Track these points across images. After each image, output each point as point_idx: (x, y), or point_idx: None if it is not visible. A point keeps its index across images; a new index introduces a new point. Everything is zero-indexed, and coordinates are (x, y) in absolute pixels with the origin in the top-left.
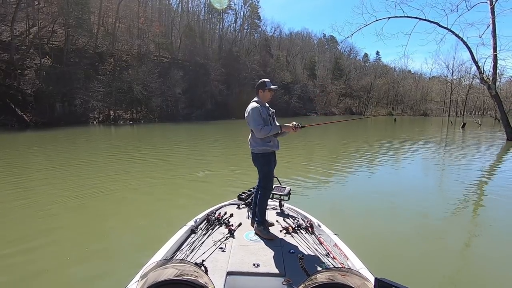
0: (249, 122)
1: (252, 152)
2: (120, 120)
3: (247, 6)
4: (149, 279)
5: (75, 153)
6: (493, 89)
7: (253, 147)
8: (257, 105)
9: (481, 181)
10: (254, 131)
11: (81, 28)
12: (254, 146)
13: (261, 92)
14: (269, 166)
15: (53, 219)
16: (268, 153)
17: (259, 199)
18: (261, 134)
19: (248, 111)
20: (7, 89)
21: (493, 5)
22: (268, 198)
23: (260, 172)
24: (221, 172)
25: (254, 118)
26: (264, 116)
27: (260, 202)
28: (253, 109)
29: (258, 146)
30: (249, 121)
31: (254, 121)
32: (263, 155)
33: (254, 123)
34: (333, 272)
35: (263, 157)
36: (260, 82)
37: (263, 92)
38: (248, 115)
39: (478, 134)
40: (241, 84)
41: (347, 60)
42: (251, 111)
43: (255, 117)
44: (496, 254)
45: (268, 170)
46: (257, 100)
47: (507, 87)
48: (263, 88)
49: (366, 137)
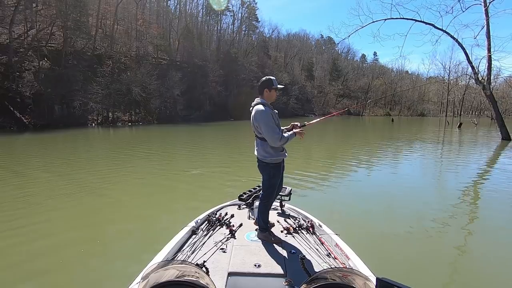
0: (261, 128)
1: (261, 161)
2: (119, 122)
3: (245, 7)
4: (151, 280)
5: (74, 155)
6: (487, 90)
7: (263, 157)
8: (267, 108)
9: (478, 179)
10: (269, 139)
11: (80, 31)
12: (265, 156)
13: (266, 91)
14: (278, 178)
15: (52, 220)
16: (279, 162)
17: (261, 208)
18: (280, 143)
19: (255, 116)
20: (6, 91)
21: (487, 7)
22: (270, 207)
23: (267, 181)
24: (221, 172)
25: (268, 125)
26: (277, 121)
27: (262, 212)
28: (265, 114)
29: (270, 157)
30: (261, 128)
31: (270, 129)
32: (275, 165)
33: (271, 131)
34: (334, 272)
35: (274, 168)
36: (266, 80)
37: (269, 92)
38: (258, 120)
39: (474, 134)
40: (239, 85)
41: (345, 61)
42: (262, 116)
43: (270, 124)
44: (495, 253)
45: (275, 183)
46: (263, 102)
47: (503, 87)
48: (269, 87)
49: (365, 137)
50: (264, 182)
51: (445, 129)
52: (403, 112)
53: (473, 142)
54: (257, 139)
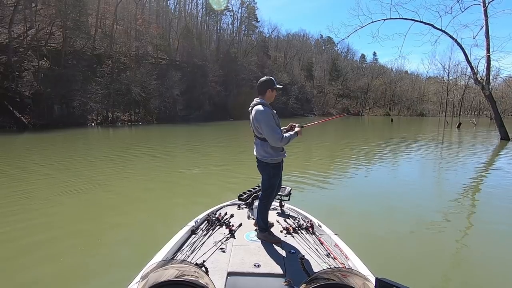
0: (261, 129)
1: (261, 161)
2: (118, 122)
3: (245, 7)
4: (150, 280)
5: (74, 155)
6: (486, 90)
7: (263, 157)
8: (267, 108)
9: (476, 179)
10: (270, 140)
11: (79, 30)
12: (265, 156)
13: (269, 92)
14: (278, 178)
15: (51, 220)
16: (279, 162)
17: (261, 208)
18: (281, 143)
19: (256, 116)
20: (5, 91)
21: (486, 7)
22: (270, 207)
23: (266, 181)
24: (221, 172)
25: (269, 125)
26: (277, 121)
27: (261, 212)
28: (265, 114)
29: (270, 157)
30: (261, 128)
31: (271, 129)
32: (275, 165)
33: (272, 131)
34: (334, 272)
35: (274, 168)
36: (269, 80)
37: (272, 92)
38: (259, 120)
39: (473, 134)
40: (239, 85)
41: (344, 61)
42: (263, 116)
43: (271, 124)
44: (495, 253)
45: (275, 183)
46: (263, 102)
47: (503, 87)
48: (272, 87)
49: (364, 137)
50: (264, 182)
51: (444, 129)
52: (403, 112)
53: (472, 142)
54: (256, 139)
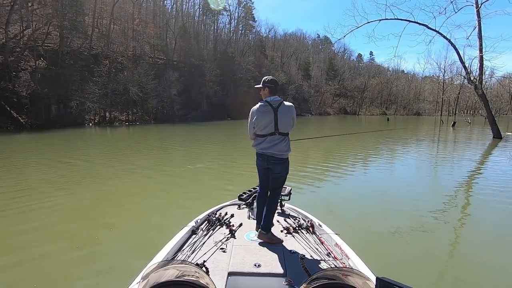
0: (294, 122)
1: (281, 158)
2: (116, 122)
3: (242, 7)
4: (150, 280)
5: (72, 155)
6: (479, 89)
7: (285, 153)
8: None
9: (471, 176)
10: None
11: (76, 30)
12: (287, 151)
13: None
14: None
15: (52, 219)
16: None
17: (273, 206)
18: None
19: (291, 110)
20: (2, 91)
21: (478, 8)
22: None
23: (281, 177)
24: (221, 172)
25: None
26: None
27: (274, 210)
28: (294, 109)
29: (288, 151)
30: (295, 121)
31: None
32: (287, 159)
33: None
34: (334, 271)
35: (287, 161)
36: (277, 81)
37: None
38: (293, 113)
39: (467, 132)
40: (236, 85)
41: (341, 61)
42: (293, 111)
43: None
44: (495, 252)
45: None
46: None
47: (497, 87)
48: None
49: (363, 136)
50: (281, 178)
51: (440, 128)
52: (399, 111)
53: (466, 140)
54: (274, 136)
